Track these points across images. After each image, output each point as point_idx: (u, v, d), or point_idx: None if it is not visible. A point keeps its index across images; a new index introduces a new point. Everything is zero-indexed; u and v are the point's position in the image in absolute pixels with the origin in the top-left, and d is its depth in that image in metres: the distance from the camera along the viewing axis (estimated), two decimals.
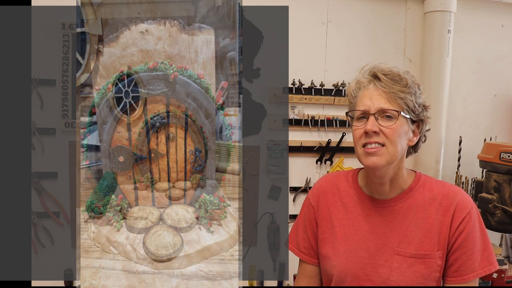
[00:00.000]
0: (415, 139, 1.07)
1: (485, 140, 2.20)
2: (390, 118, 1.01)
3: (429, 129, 1.11)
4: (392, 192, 1.09)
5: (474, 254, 1.02)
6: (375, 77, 1.04)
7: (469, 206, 1.04)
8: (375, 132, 1.00)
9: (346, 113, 1.11)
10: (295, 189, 2.16)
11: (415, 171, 1.13)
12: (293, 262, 2.11)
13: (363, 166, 1.16)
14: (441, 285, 1.09)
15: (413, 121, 1.05)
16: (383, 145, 1.01)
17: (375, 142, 1.01)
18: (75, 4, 1.87)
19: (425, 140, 1.12)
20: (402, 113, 1.01)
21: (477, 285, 1.05)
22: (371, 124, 1.00)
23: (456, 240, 1.03)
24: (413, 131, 1.06)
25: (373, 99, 1.02)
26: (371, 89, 1.04)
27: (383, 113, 1.01)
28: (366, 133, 1.01)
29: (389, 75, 1.03)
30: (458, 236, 1.02)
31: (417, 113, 1.04)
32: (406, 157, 1.10)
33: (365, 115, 1.03)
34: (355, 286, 1.08)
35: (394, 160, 1.03)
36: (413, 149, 1.11)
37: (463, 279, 1.02)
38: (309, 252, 1.19)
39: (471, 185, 2.17)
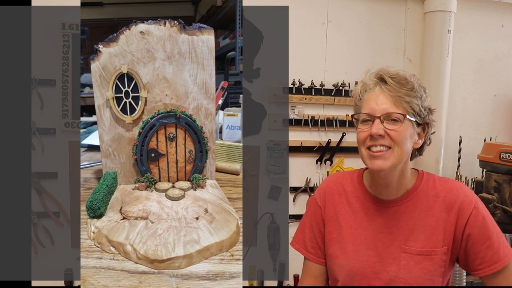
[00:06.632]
0: (420, 142, 1.08)
1: (485, 140, 2.20)
2: (396, 121, 1.01)
3: (434, 132, 1.11)
4: (397, 193, 1.09)
5: (493, 244, 1.02)
6: (381, 79, 1.04)
7: (473, 200, 1.04)
8: (380, 135, 1.00)
9: (352, 116, 1.11)
10: (295, 189, 2.16)
11: (417, 170, 1.13)
12: (293, 262, 2.12)
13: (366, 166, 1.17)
14: (448, 284, 1.09)
15: (418, 124, 1.05)
16: (389, 148, 1.01)
17: (381, 145, 1.01)
18: (75, 4, 1.87)
19: (429, 143, 1.12)
20: (407, 116, 1.01)
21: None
22: (377, 127, 1.00)
23: (470, 235, 1.02)
24: (419, 134, 1.07)
25: (378, 102, 1.02)
26: (377, 92, 1.04)
27: (388, 116, 1.01)
28: (371, 136, 1.01)
29: (395, 78, 1.02)
30: (471, 231, 1.02)
31: (422, 116, 1.04)
32: (411, 159, 1.10)
33: (370, 118, 1.03)
34: (364, 285, 1.08)
35: (400, 163, 1.03)
36: (418, 151, 1.12)
37: (491, 269, 1.01)
38: (316, 252, 1.20)
39: (471, 185, 2.17)
